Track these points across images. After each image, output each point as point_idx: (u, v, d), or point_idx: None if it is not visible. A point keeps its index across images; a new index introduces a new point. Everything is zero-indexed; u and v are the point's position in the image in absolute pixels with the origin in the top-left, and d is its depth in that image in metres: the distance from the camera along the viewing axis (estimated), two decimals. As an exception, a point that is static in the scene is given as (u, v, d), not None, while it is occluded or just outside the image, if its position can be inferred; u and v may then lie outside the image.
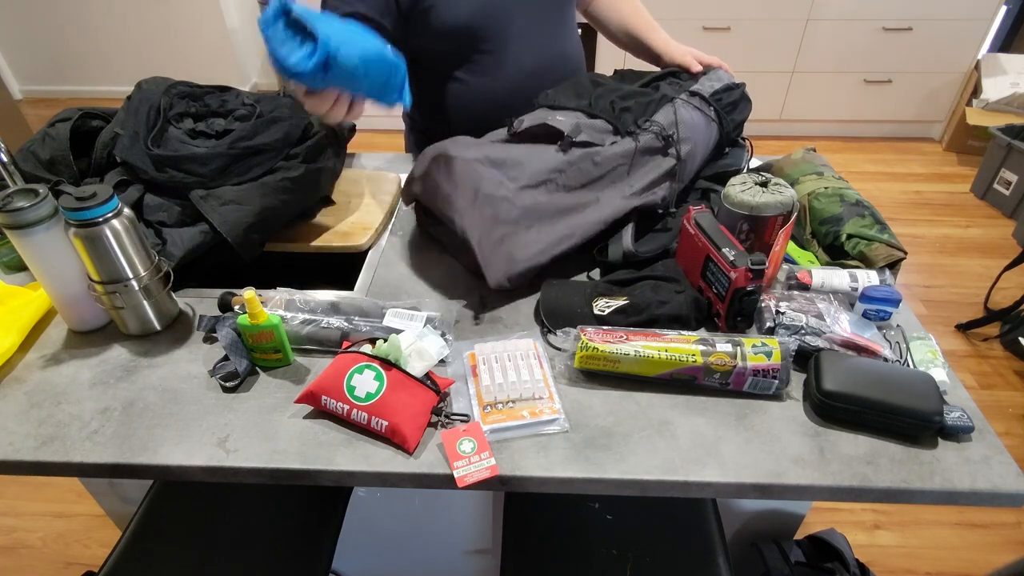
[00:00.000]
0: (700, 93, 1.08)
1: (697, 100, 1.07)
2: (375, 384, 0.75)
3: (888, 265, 0.97)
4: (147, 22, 3.81)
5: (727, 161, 1.14)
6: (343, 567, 1.33)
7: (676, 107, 1.04)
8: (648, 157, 1.00)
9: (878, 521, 1.67)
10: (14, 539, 1.63)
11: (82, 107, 1.13)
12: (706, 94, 1.08)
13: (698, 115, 1.05)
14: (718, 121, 1.08)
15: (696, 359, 0.78)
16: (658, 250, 0.99)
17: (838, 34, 3.21)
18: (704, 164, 1.12)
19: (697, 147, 1.05)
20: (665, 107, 1.04)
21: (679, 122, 1.01)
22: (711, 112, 1.07)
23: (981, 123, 3.15)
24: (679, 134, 1.00)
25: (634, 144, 0.98)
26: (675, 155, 1.00)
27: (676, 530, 0.98)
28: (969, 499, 0.71)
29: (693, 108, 1.06)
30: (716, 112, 1.08)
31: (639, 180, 0.98)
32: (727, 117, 1.10)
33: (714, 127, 1.09)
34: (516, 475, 0.72)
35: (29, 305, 0.92)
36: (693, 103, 1.06)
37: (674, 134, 1.00)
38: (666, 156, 1.00)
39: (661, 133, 0.99)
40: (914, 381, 0.77)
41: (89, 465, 0.74)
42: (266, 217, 1.04)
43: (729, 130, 1.10)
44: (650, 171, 0.99)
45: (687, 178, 1.07)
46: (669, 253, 0.99)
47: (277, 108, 1.12)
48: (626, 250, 0.96)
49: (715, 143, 1.11)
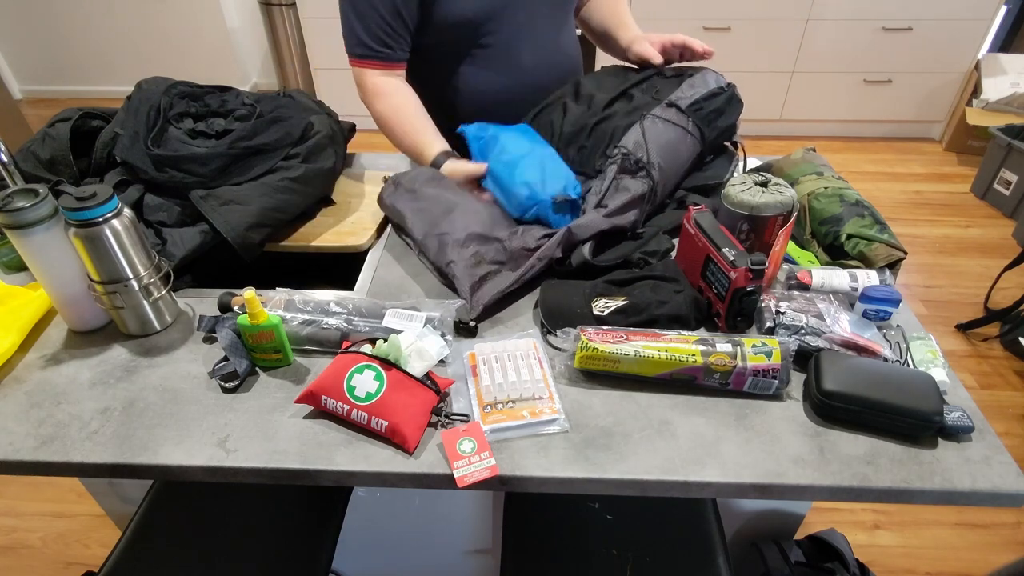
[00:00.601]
0: (677, 104, 1.06)
1: (673, 112, 1.05)
2: (375, 384, 0.75)
3: (888, 265, 0.97)
4: (147, 22, 3.81)
5: (709, 173, 1.12)
6: (343, 567, 1.33)
7: (644, 127, 1.02)
8: (619, 180, 1.00)
9: (878, 521, 1.67)
10: (14, 539, 1.63)
11: (82, 107, 1.13)
12: (683, 105, 1.06)
13: (672, 129, 1.03)
14: (698, 134, 1.07)
15: (696, 359, 0.78)
16: (619, 259, 0.98)
17: (838, 34, 3.21)
18: (683, 177, 1.11)
19: (671, 164, 1.04)
20: (633, 128, 1.02)
21: (648, 142, 1.00)
22: (688, 124, 1.05)
23: (981, 123, 3.15)
24: (649, 156, 0.99)
25: (601, 183, 0.99)
26: (648, 177, 0.99)
27: (676, 530, 0.98)
28: (969, 499, 0.71)
29: (665, 122, 1.03)
30: (695, 124, 1.06)
31: (612, 201, 0.98)
32: (709, 126, 1.08)
33: (693, 140, 1.07)
34: (516, 475, 0.72)
35: (29, 305, 0.92)
36: (666, 116, 1.04)
37: (643, 156, 0.99)
38: (636, 178, 1.00)
39: (630, 157, 0.99)
40: (914, 381, 0.77)
41: (89, 465, 0.74)
42: (266, 217, 1.04)
43: (712, 139, 1.09)
44: (622, 194, 0.99)
45: (661, 198, 1.07)
46: (631, 262, 0.98)
47: (277, 108, 1.13)
48: (586, 260, 0.96)
49: (695, 155, 1.09)
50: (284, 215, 1.07)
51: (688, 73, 1.14)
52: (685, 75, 1.14)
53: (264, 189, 1.05)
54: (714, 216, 0.91)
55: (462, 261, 0.93)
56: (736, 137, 1.17)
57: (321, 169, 1.12)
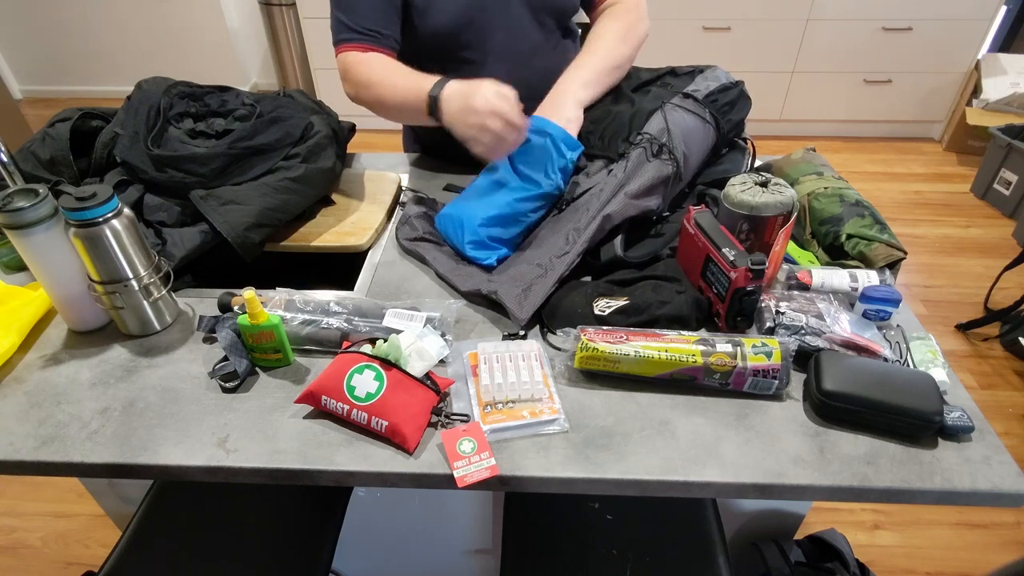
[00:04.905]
0: (693, 95, 1.08)
1: (690, 103, 1.06)
2: (375, 384, 0.75)
3: (888, 265, 0.97)
4: (147, 22, 3.81)
5: (724, 167, 1.13)
6: (343, 567, 1.33)
7: (665, 112, 1.03)
8: (643, 163, 1.00)
9: (878, 521, 1.67)
10: (14, 539, 1.63)
11: (82, 107, 1.13)
12: (700, 96, 1.08)
13: (691, 118, 1.05)
14: (714, 123, 1.08)
15: (696, 359, 0.78)
16: (649, 256, 0.98)
17: (838, 34, 3.21)
18: (701, 168, 1.12)
19: (692, 151, 1.05)
20: (655, 115, 1.03)
21: (670, 127, 1.01)
22: (706, 114, 1.07)
23: (981, 123, 3.15)
24: (672, 140, 1.00)
25: (625, 163, 0.99)
26: (672, 161, 0.99)
27: (676, 530, 0.98)
28: (969, 499, 0.71)
29: (685, 111, 1.05)
30: (711, 114, 1.08)
31: (636, 182, 0.98)
32: (724, 118, 1.09)
33: (710, 129, 1.08)
34: (516, 475, 0.72)
35: (29, 305, 0.92)
36: (685, 106, 1.05)
37: (667, 141, 1.00)
38: (662, 161, 1.00)
39: (655, 142, 0.99)
40: (914, 381, 0.77)
41: (89, 465, 0.74)
42: (266, 217, 1.04)
43: (726, 131, 1.10)
44: (646, 175, 0.99)
45: (684, 182, 1.07)
46: (660, 259, 0.99)
47: (277, 108, 1.12)
48: (616, 256, 0.96)
49: (712, 146, 1.11)
50: (284, 215, 1.07)
51: (699, 69, 1.16)
52: (696, 71, 1.16)
53: (264, 189, 1.05)
54: (714, 216, 0.91)
55: (502, 286, 0.93)
56: (745, 134, 1.17)
57: (321, 169, 1.12)
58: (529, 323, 0.92)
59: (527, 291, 0.91)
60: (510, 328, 0.91)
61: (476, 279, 0.97)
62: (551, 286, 0.91)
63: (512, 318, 0.90)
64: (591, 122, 1.09)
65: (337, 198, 1.20)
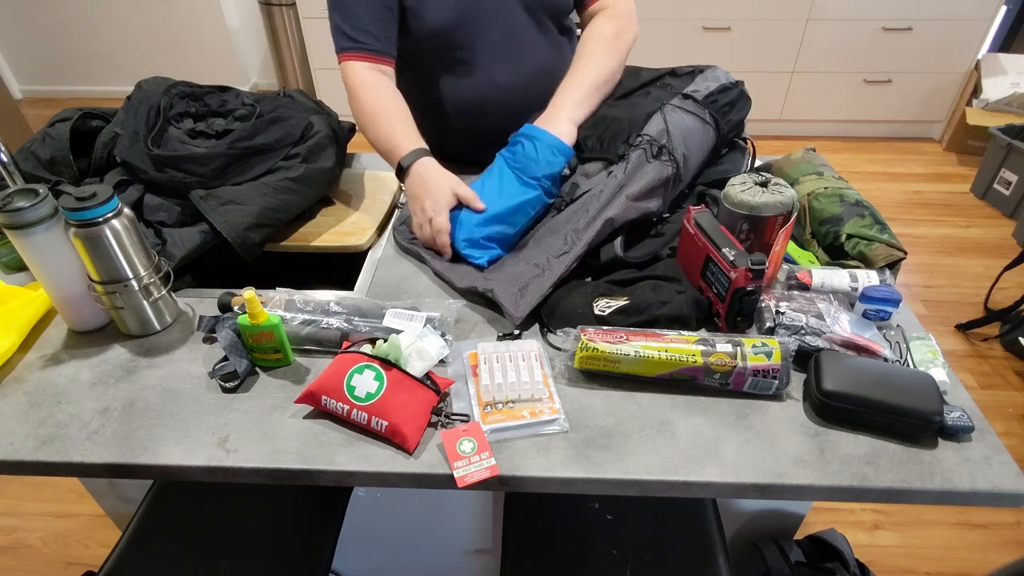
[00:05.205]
0: (693, 96, 1.08)
1: (690, 104, 1.06)
2: (375, 384, 0.75)
3: (888, 265, 0.97)
4: (147, 22, 3.80)
5: (724, 167, 1.13)
6: (343, 567, 1.33)
7: (665, 114, 1.03)
8: (643, 165, 1.00)
9: (878, 521, 1.67)
10: (14, 539, 1.63)
11: (82, 107, 1.13)
12: (699, 97, 1.08)
13: (691, 119, 1.05)
14: (714, 124, 1.08)
15: (696, 359, 0.78)
16: (649, 256, 0.99)
17: (838, 34, 3.21)
18: (701, 168, 1.12)
19: (692, 151, 1.05)
20: (654, 117, 1.03)
21: (670, 128, 1.01)
22: (705, 115, 1.07)
23: (981, 123, 3.15)
24: (672, 141, 1.00)
25: (625, 165, 0.99)
26: (672, 162, 0.99)
27: (676, 530, 0.98)
28: (969, 499, 0.71)
29: (684, 112, 1.05)
30: (711, 115, 1.08)
31: (636, 184, 0.98)
32: (724, 118, 1.09)
33: (710, 130, 1.08)
34: (516, 475, 0.72)
35: (29, 305, 0.92)
36: (685, 107, 1.05)
37: (667, 142, 1.00)
38: (662, 162, 1.00)
39: (654, 144, 1.00)
40: (914, 381, 0.77)
41: (89, 465, 0.74)
42: (266, 217, 1.04)
43: (726, 131, 1.10)
44: (646, 177, 0.99)
45: (684, 183, 1.07)
46: (660, 259, 0.99)
47: (277, 108, 1.13)
48: (616, 256, 0.96)
49: (711, 146, 1.11)
50: (284, 215, 1.07)
51: (699, 69, 1.17)
52: (696, 71, 1.16)
53: (264, 189, 1.05)
54: (714, 216, 0.91)
55: (498, 284, 0.94)
56: (745, 134, 1.18)
57: (321, 169, 1.12)
58: (529, 323, 0.92)
59: (523, 290, 0.92)
60: (507, 328, 0.91)
61: (473, 276, 0.97)
62: (548, 286, 0.91)
63: (507, 316, 0.90)
64: (589, 125, 1.10)
65: (337, 198, 1.20)
